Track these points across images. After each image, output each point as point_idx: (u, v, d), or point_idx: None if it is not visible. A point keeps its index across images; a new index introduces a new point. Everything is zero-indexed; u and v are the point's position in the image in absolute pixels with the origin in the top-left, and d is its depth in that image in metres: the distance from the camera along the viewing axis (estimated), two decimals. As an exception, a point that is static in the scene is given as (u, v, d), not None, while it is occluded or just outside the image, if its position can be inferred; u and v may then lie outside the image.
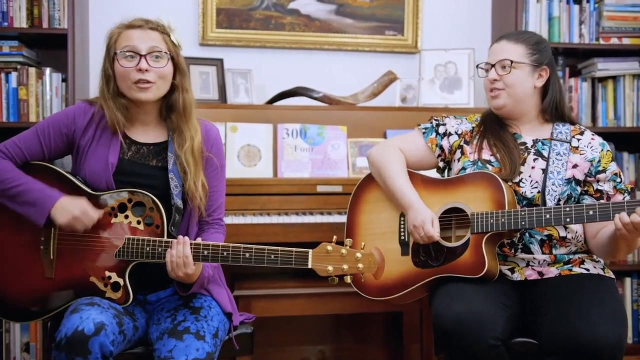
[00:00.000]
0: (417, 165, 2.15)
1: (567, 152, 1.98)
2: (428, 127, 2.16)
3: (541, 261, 1.95)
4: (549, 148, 1.99)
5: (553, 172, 1.95)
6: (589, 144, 2.01)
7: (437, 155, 2.14)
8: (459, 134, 2.11)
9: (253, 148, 2.74)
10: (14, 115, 2.76)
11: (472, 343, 1.72)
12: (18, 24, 2.75)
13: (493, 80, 2.01)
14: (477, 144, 2.06)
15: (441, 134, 2.13)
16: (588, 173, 1.98)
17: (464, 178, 1.99)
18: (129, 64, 1.80)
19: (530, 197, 1.95)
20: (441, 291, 1.88)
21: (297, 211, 2.60)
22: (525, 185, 1.96)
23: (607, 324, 1.71)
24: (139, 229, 1.77)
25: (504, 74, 2.00)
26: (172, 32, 1.88)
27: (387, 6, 3.26)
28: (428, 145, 2.13)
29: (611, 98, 3.14)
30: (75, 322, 1.59)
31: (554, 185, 1.93)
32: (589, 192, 1.99)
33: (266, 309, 2.48)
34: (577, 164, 1.98)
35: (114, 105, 1.83)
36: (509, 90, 2.00)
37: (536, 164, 1.98)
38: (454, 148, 2.11)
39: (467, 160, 2.04)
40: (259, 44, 3.19)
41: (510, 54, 2.00)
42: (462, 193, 1.97)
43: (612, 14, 3.07)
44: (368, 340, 2.96)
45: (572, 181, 1.96)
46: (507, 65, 1.99)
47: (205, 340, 1.70)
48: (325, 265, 1.67)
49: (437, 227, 1.93)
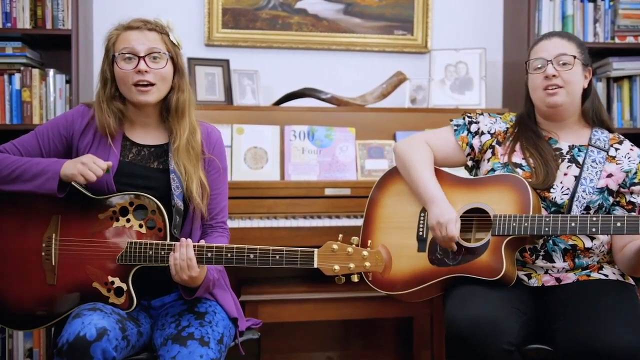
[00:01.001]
0: (445, 161, 2.12)
1: (603, 160, 1.94)
2: (460, 124, 2.12)
3: (560, 269, 1.92)
4: (585, 154, 1.95)
5: (586, 178, 1.91)
6: (627, 154, 1.97)
7: (467, 154, 2.10)
8: (491, 134, 2.07)
9: (260, 150, 2.72)
10: (17, 117, 2.75)
11: (486, 347, 1.70)
12: (21, 25, 2.74)
13: (552, 76, 1.92)
14: (510, 146, 2.02)
15: (473, 132, 2.09)
16: (622, 184, 1.94)
17: (490, 179, 1.97)
18: (127, 66, 1.80)
19: (560, 203, 1.91)
20: (455, 294, 1.86)
21: (305, 215, 2.58)
22: (555, 191, 1.92)
23: (626, 331, 1.68)
24: (141, 233, 1.76)
25: (563, 70, 1.93)
26: (171, 32, 1.88)
27: (396, 5, 3.24)
28: (458, 143, 2.10)
29: (627, 98, 3.09)
30: (77, 327, 1.58)
31: (584, 192, 1.90)
32: (621, 204, 1.95)
33: (273, 314, 2.48)
34: (612, 174, 1.94)
35: (107, 108, 1.83)
36: (567, 88, 1.93)
37: (569, 171, 1.94)
38: (485, 147, 2.07)
39: (497, 162, 2.01)
40: (265, 44, 3.17)
41: (569, 50, 1.94)
42: (486, 194, 1.95)
43: (628, 11, 3.02)
44: (377, 347, 2.95)
45: (604, 190, 1.92)
46: (569, 61, 1.93)
47: (210, 347, 1.69)
48: (331, 265, 1.65)
49: (458, 230, 1.90)
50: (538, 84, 1.96)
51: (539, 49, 1.98)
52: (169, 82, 1.85)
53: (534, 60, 1.98)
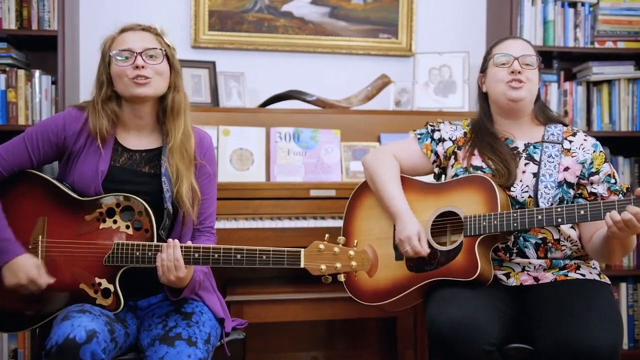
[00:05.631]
0: (413, 171, 2.15)
1: (558, 153, 1.98)
2: (423, 132, 2.16)
3: (537, 266, 1.95)
4: (541, 151, 1.99)
5: (545, 174, 1.94)
6: (580, 145, 2.01)
7: (433, 162, 2.14)
8: (453, 140, 2.11)
9: (245, 152, 2.73)
10: (3, 118, 2.73)
11: (467, 348, 1.72)
12: (7, 26, 2.72)
13: (517, 72, 1.98)
14: (468, 150, 2.06)
15: (436, 139, 2.13)
16: (581, 175, 1.97)
17: (458, 181, 2.00)
18: (125, 63, 1.80)
19: (521, 201, 1.95)
20: (435, 296, 1.88)
21: (290, 216, 2.59)
22: (515, 189, 1.96)
23: (603, 330, 1.70)
24: (128, 234, 1.76)
25: (527, 68, 2.00)
26: (165, 36, 1.89)
27: (381, 9, 3.26)
28: (423, 151, 2.13)
29: (606, 102, 3.14)
30: (67, 329, 1.57)
31: (546, 188, 1.93)
32: (583, 195, 1.98)
33: (259, 314, 2.48)
34: (569, 167, 1.97)
35: (102, 109, 1.82)
36: (529, 85, 2.00)
37: (527, 168, 1.98)
38: (448, 154, 2.11)
39: (460, 167, 2.05)
40: (251, 46, 3.17)
41: (532, 52, 2.03)
42: (456, 196, 1.98)
43: (607, 17, 3.07)
44: (362, 346, 2.96)
45: (563, 184, 1.96)
46: (532, 62, 2.01)
47: (197, 347, 1.68)
48: (318, 264, 1.66)
49: (425, 242, 1.94)
50: (501, 77, 2.00)
51: (505, 47, 2.04)
52: (166, 79, 1.85)
53: (499, 56, 2.02)
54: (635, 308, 3.11)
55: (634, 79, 3.12)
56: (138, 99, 1.82)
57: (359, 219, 2.15)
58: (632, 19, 3.08)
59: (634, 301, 3.11)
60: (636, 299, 3.12)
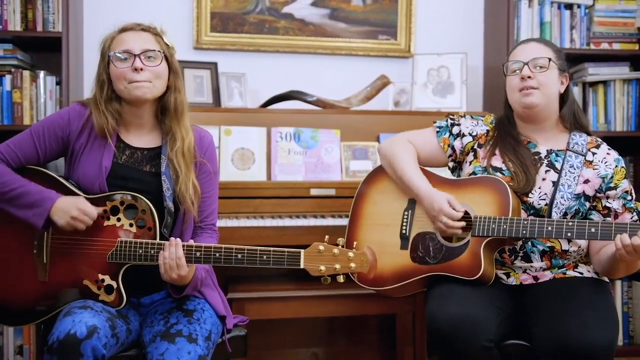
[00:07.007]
0: (427, 161, 2.13)
1: (580, 165, 1.95)
2: (442, 125, 2.14)
3: (538, 268, 1.96)
4: (563, 160, 1.96)
5: (564, 184, 1.92)
6: (603, 159, 1.98)
7: (449, 156, 2.12)
8: (473, 136, 2.08)
9: (247, 151, 2.75)
10: (8, 118, 2.76)
11: (465, 344, 1.73)
12: (12, 27, 2.74)
13: (527, 78, 1.94)
14: (489, 150, 2.03)
15: (455, 134, 2.10)
16: (599, 189, 1.95)
17: (473, 180, 1.99)
18: (123, 64, 1.80)
19: (537, 208, 1.93)
20: (435, 292, 1.89)
21: (291, 214, 2.60)
22: (533, 196, 1.94)
23: (600, 327, 1.72)
24: (131, 232, 1.78)
25: (538, 72, 1.95)
26: (165, 35, 1.89)
27: (380, 11, 3.28)
28: (440, 144, 2.11)
29: (602, 102, 3.16)
30: (68, 325, 1.59)
31: (562, 198, 1.91)
32: (597, 208, 1.97)
33: (260, 311, 2.48)
34: (589, 180, 1.95)
35: (105, 109, 1.83)
36: (542, 90, 1.95)
37: (547, 176, 1.96)
38: (466, 150, 2.09)
39: (478, 166, 2.03)
40: (253, 47, 3.19)
41: (545, 53, 1.97)
42: (469, 195, 1.97)
43: (603, 19, 3.10)
44: (361, 343, 2.97)
45: (581, 196, 1.94)
46: (544, 64, 1.95)
47: (198, 343, 1.69)
48: (317, 265, 1.67)
49: (457, 205, 1.92)
50: (514, 85, 1.98)
51: (517, 53, 2.01)
52: (165, 81, 1.86)
53: (511, 63, 2.00)
54: (630, 305, 3.14)
55: (629, 79, 3.15)
56: (136, 101, 1.84)
57: (370, 203, 2.14)
58: (627, 20, 3.11)
59: (629, 298, 3.14)
60: (631, 296, 3.14)
